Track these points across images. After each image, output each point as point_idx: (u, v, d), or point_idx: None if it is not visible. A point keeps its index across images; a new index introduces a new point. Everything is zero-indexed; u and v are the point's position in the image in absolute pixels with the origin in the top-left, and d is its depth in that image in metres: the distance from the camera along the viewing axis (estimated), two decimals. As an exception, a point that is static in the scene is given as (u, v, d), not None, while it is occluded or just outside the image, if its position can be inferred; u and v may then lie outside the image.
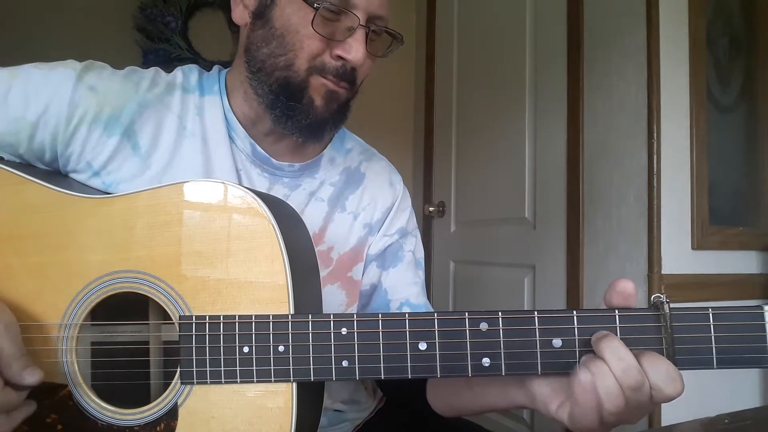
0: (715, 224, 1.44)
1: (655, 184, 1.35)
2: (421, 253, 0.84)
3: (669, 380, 0.44)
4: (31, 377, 0.50)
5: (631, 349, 0.46)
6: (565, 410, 0.49)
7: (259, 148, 0.71)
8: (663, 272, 1.34)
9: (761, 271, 1.52)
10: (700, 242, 1.40)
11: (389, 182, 0.82)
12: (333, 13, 0.63)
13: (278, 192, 0.73)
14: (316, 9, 0.62)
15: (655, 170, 1.35)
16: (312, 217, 0.74)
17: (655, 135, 1.35)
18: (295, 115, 0.66)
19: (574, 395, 0.46)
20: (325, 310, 0.60)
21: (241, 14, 0.68)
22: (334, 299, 0.75)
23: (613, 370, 0.45)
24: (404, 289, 0.79)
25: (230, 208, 0.54)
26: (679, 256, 1.38)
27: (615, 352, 0.45)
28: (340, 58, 0.64)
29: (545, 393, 0.51)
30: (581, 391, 0.45)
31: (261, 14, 0.66)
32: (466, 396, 0.63)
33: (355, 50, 0.63)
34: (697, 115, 1.41)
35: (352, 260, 0.77)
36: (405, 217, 0.82)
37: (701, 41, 1.43)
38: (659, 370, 0.45)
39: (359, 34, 0.64)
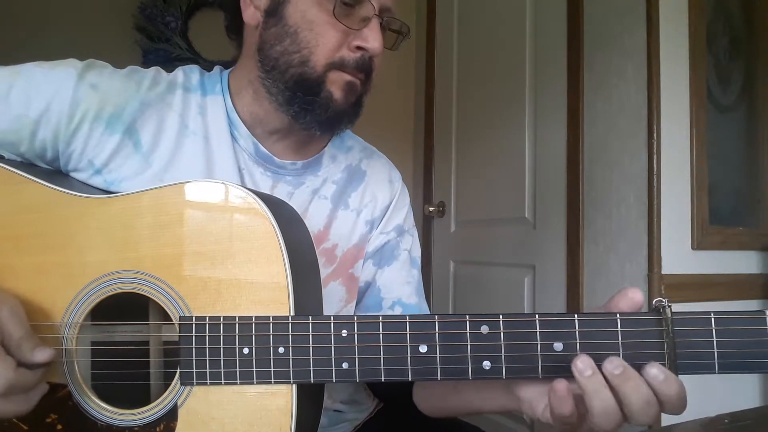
0: (715, 224, 1.44)
1: (655, 184, 1.35)
2: (417, 252, 0.83)
3: (679, 402, 0.45)
4: (42, 354, 0.50)
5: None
6: (548, 412, 0.49)
7: (261, 147, 0.71)
8: (663, 272, 1.34)
9: (761, 271, 1.52)
10: (700, 242, 1.40)
11: (389, 180, 0.82)
12: (347, 6, 0.64)
13: (282, 190, 0.73)
14: None
15: (655, 170, 1.35)
16: (316, 215, 0.74)
17: (655, 135, 1.35)
18: (314, 110, 0.66)
19: (550, 404, 0.47)
20: (325, 306, 0.60)
21: (252, 14, 0.68)
22: (335, 295, 0.75)
23: (633, 402, 0.45)
24: (397, 288, 0.79)
25: (231, 209, 0.54)
26: (679, 256, 1.38)
27: (640, 388, 0.45)
28: (359, 48, 0.65)
29: (532, 396, 0.51)
30: (557, 400, 0.46)
31: (274, 12, 0.66)
32: (452, 400, 0.63)
33: (373, 38, 0.64)
34: (697, 115, 1.41)
35: (355, 257, 0.77)
36: (402, 215, 0.82)
37: (701, 41, 1.43)
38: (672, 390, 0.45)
39: (375, 24, 0.65)
